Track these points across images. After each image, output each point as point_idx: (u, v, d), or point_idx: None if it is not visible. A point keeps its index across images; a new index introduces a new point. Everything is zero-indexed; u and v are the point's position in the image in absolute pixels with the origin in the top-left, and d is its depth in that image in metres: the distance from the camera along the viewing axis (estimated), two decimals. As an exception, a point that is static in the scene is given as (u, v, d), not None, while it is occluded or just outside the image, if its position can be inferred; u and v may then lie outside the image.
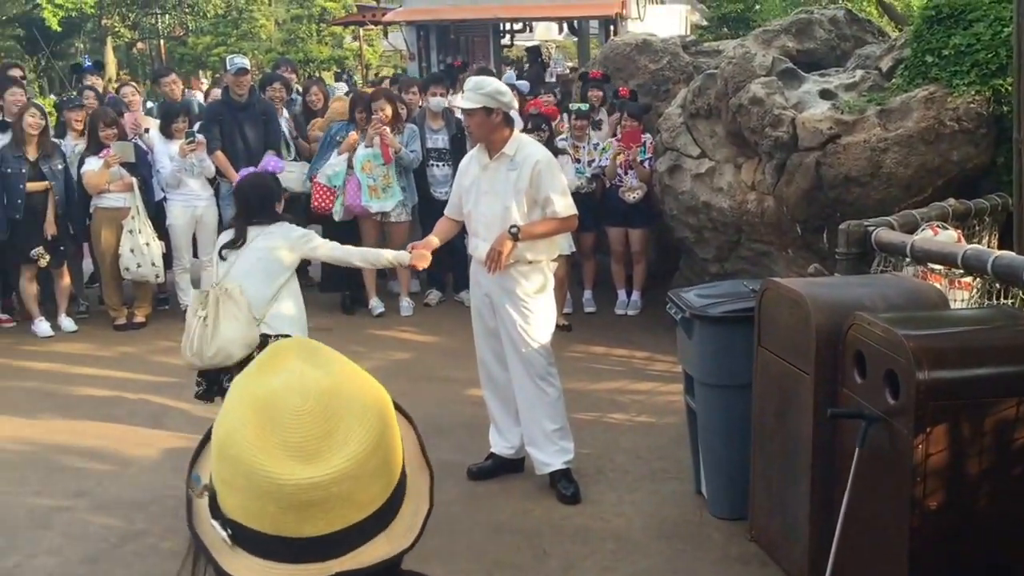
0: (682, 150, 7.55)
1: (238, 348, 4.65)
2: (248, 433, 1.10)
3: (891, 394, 3.28)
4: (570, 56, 21.85)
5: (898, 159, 6.04)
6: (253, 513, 1.11)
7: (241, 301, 4.64)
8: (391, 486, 1.17)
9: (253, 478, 1.09)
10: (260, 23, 33.83)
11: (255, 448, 1.09)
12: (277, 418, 1.10)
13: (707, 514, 4.81)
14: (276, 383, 1.13)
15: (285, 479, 1.08)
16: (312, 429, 1.10)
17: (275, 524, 1.10)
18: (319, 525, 1.10)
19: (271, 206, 4.87)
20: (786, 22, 8.11)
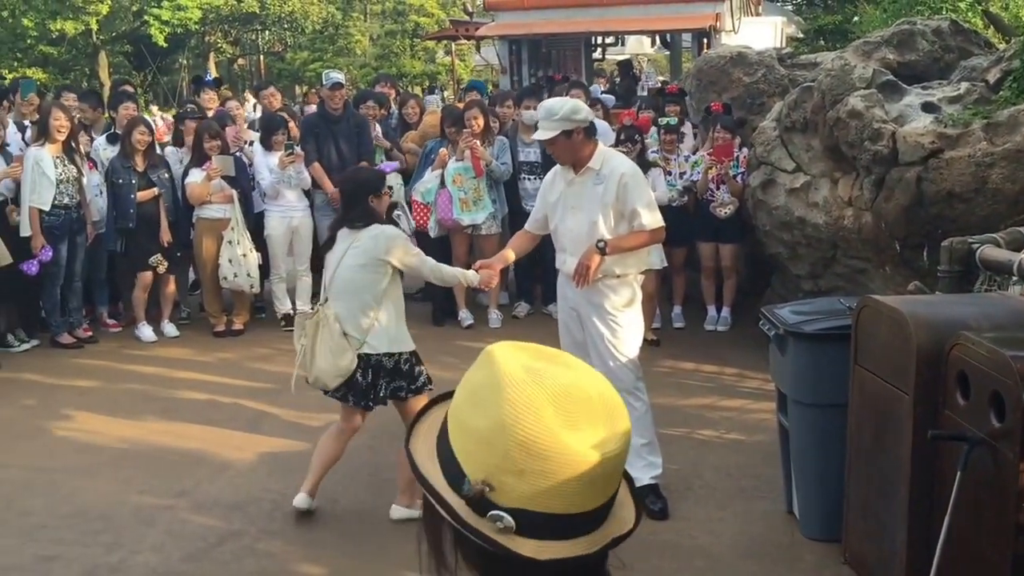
0: (776, 164, 7.44)
1: (330, 379, 4.78)
2: (547, 422, 1.17)
3: (996, 416, 3.18)
4: (662, 70, 21.74)
5: (1005, 174, 5.85)
6: (547, 495, 1.18)
7: (335, 330, 4.69)
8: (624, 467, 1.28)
9: (561, 459, 1.17)
10: (355, 39, 34.41)
11: (556, 434, 1.17)
12: (569, 407, 1.19)
13: (799, 535, 4.72)
14: (554, 379, 1.21)
15: (589, 457, 1.17)
16: (601, 410, 1.21)
17: (566, 503, 1.19)
18: (600, 499, 1.22)
19: (363, 199, 4.81)
20: (887, 33, 7.94)
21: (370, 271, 4.71)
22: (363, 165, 5.91)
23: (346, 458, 5.74)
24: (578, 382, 1.22)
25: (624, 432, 1.22)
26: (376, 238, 4.72)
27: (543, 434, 1.17)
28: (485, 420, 1.20)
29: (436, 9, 34.64)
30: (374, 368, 4.76)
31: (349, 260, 4.72)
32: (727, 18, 13.54)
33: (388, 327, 4.76)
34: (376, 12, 36.83)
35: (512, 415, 1.18)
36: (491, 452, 1.19)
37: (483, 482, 1.20)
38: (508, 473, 1.19)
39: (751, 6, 16.72)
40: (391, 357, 4.77)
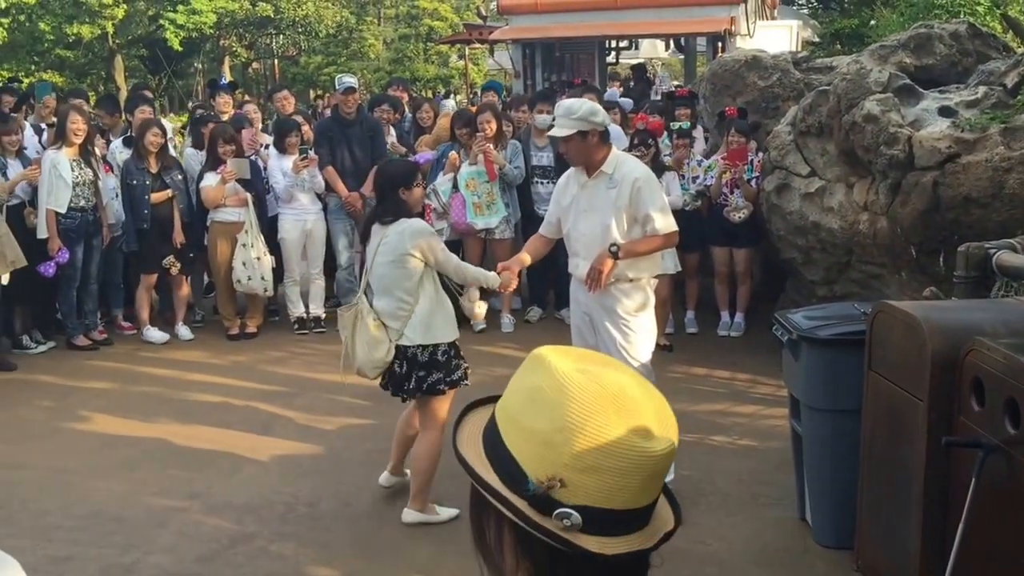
0: (791, 169, 7.41)
1: (369, 370, 4.88)
2: (612, 419, 1.22)
3: (1011, 423, 3.15)
4: (676, 74, 21.71)
5: (1022, 180, 5.81)
6: (613, 491, 1.23)
7: (370, 324, 4.76)
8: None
9: (628, 455, 1.21)
10: (369, 43, 34.45)
11: (623, 431, 1.22)
12: (628, 406, 1.24)
13: (811, 542, 4.70)
14: (610, 379, 1.26)
15: (657, 449, 1.22)
16: (652, 407, 1.26)
17: (630, 498, 1.24)
18: (654, 494, 1.28)
19: (394, 192, 4.82)
20: (904, 37, 7.91)
21: (400, 266, 4.74)
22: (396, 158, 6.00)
23: (359, 462, 5.76)
24: (628, 382, 1.27)
25: (674, 427, 1.27)
26: (402, 234, 4.74)
27: (614, 432, 1.22)
28: (549, 422, 1.23)
29: (450, 13, 34.66)
30: (409, 360, 4.78)
31: (380, 257, 4.77)
32: (742, 22, 13.52)
33: (424, 319, 4.77)
34: (390, 16, 36.89)
35: (580, 415, 1.22)
36: (559, 452, 1.22)
37: (549, 481, 1.23)
38: (578, 471, 1.22)
39: (766, 10, 16.68)
40: (425, 349, 4.78)
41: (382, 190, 4.91)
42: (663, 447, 1.23)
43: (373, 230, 4.89)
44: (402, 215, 4.81)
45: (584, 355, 1.34)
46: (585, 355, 1.34)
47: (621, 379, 1.27)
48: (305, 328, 8.62)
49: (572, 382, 1.24)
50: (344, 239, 8.69)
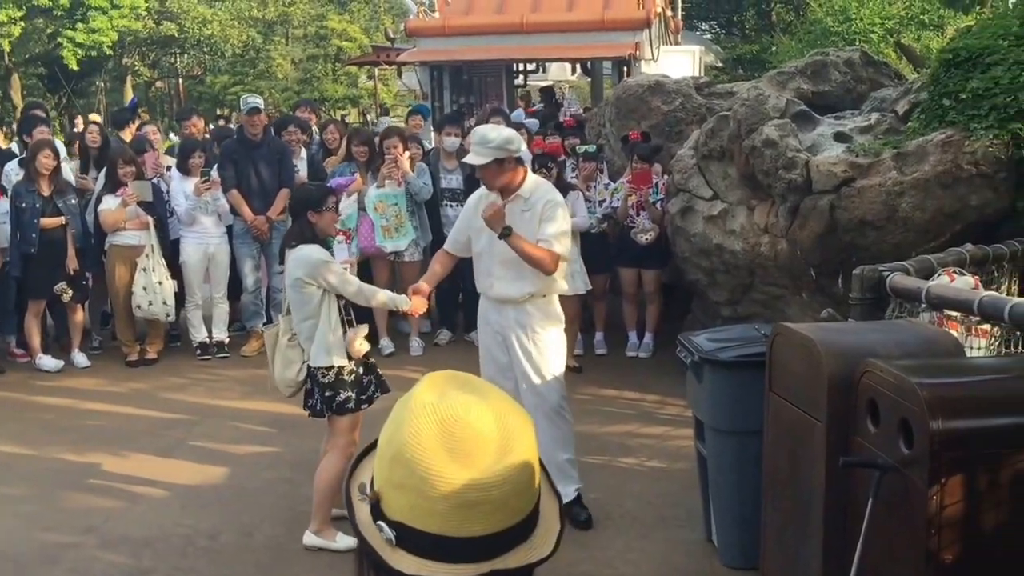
0: (694, 192, 7.52)
1: (282, 388, 5.01)
2: (426, 441, 1.24)
3: (905, 443, 3.21)
4: (583, 96, 21.93)
5: (914, 203, 5.99)
6: (421, 513, 1.24)
7: (284, 343, 4.89)
8: (534, 500, 1.32)
9: (429, 479, 1.22)
10: (277, 62, 34.14)
11: (432, 453, 1.23)
12: (455, 431, 1.24)
13: (717, 563, 4.73)
14: (448, 402, 1.27)
15: (457, 479, 1.22)
16: (481, 440, 1.25)
17: (441, 523, 1.24)
18: (479, 526, 1.24)
19: (302, 215, 4.86)
20: (801, 64, 8.10)
21: (296, 290, 4.78)
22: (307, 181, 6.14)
23: (262, 491, 5.64)
24: (478, 412, 1.27)
25: (510, 466, 1.25)
26: (296, 259, 4.78)
27: (421, 454, 1.23)
28: (385, 435, 1.30)
29: (359, 34, 34.56)
30: (313, 379, 4.87)
31: (287, 280, 4.88)
32: (646, 47, 13.71)
33: (324, 341, 4.78)
34: (298, 36, 36.60)
35: (406, 433, 1.26)
36: (382, 465, 1.29)
37: (375, 493, 1.29)
38: (392, 486, 1.27)
39: (670, 35, 16.97)
40: (329, 370, 4.79)
41: (293, 212, 4.99)
42: (464, 480, 1.22)
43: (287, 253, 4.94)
44: (306, 240, 4.81)
45: (468, 383, 1.34)
46: (468, 383, 1.34)
47: (469, 408, 1.27)
48: (208, 353, 8.44)
49: (416, 401, 1.29)
50: (250, 263, 8.54)
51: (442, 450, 1.23)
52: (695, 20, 25.89)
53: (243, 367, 8.13)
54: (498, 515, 1.26)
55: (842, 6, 18.08)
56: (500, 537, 1.27)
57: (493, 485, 1.23)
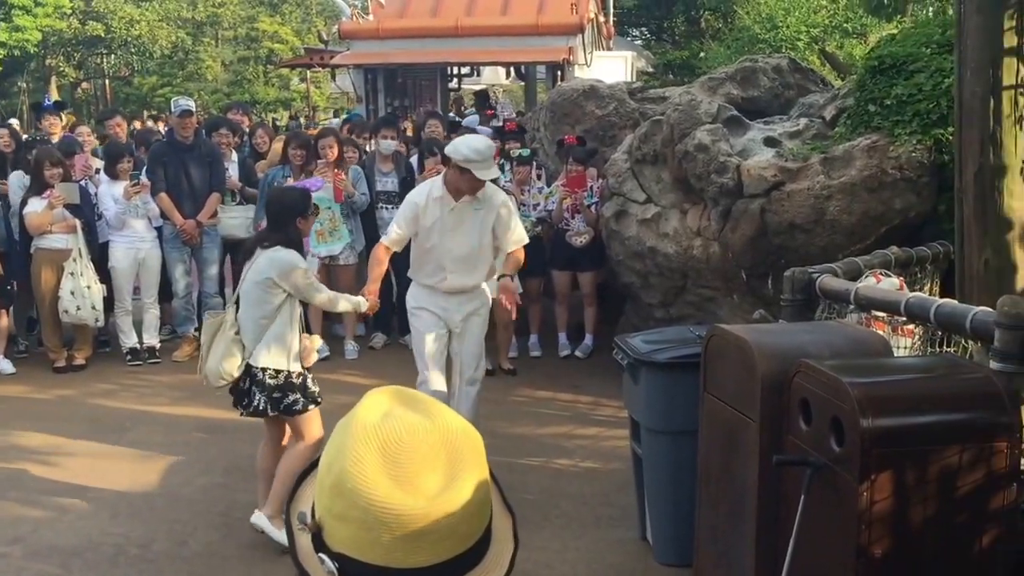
0: (628, 195, 7.61)
1: (214, 378, 4.86)
2: (368, 469, 1.18)
3: (836, 441, 3.29)
4: (517, 100, 22.01)
5: (841, 207, 6.13)
6: (364, 544, 1.19)
7: (230, 335, 4.80)
8: (485, 524, 1.27)
9: (371, 509, 1.16)
10: (206, 64, 33.73)
11: (373, 482, 1.17)
12: (395, 455, 1.19)
13: (652, 561, 4.79)
14: (391, 424, 1.22)
15: (400, 508, 1.17)
16: (427, 465, 1.19)
17: (385, 555, 1.18)
18: (425, 556, 1.19)
19: (291, 222, 4.91)
20: (731, 70, 8.23)
21: (262, 288, 4.79)
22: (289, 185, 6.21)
23: (196, 498, 5.57)
24: (423, 435, 1.21)
25: (459, 492, 1.20)
26: (271, 259, 4.80)
27: (363, 483, 1.17)
28: (326, 460, 1.23)
29: (291, 36, 34.28)
30: (253, 378, 4.80)
31: (251, 275, 4.85)
32: (580, 52, 13.82)
33: (274, 343, 4.80)
34: (228, 38, 36.19)
35: (342, 460, 1.20)
36: (321, 494, 1.23)
37: (315, 523, 1.23)
38: (333, 516, 1.21)
39: (603, 40, 17.11)
40: (278, 373, 4.80)
41: (279, 218, 4.96)
42: (409, 509, 1.17)
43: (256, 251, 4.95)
44: (288, 244, 4.87)
45: (413, 399, 1.29)
46: (415, 399, 1.29)
47: (417, 429, 1.22)
48: (138, 359, 8.30)
49: (357, 423, 1.23)
50: (180, 267, 8.43)
51: (385, 478, 1.18)
52: (626, 26, 26.13)
53: (175, 373, 8.01)
54: (447, 543, 1.21)
55: (769, 14, 18.38)
56: (450, 565, 1.22)
57: (441, 513, 1.18)
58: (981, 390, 3.35)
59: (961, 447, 3.21)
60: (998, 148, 4.81)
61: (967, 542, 3.28)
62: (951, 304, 4.08)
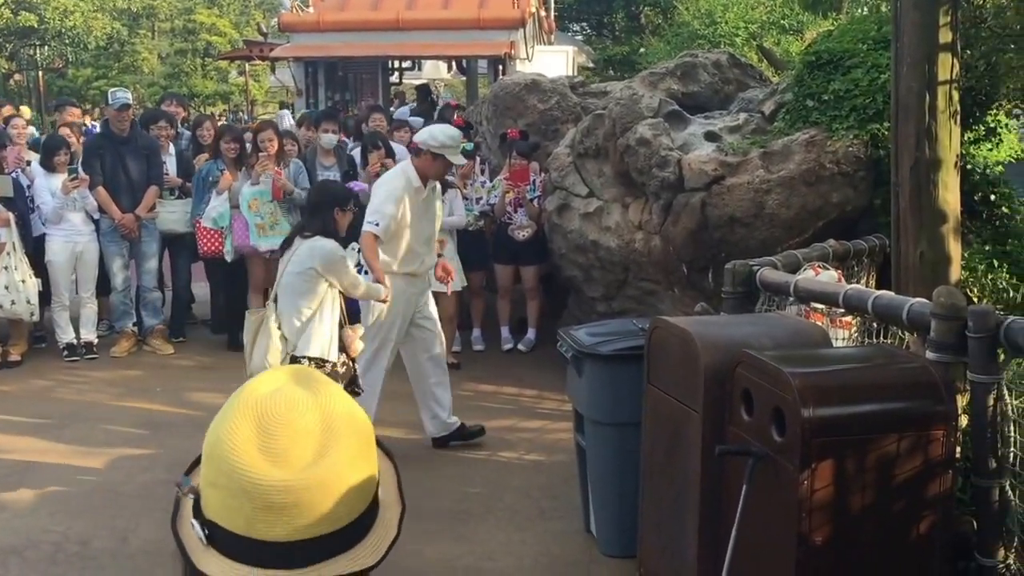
0: (570, 189, 7.64)
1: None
2: (238, 437, 1.19)
3: (777, 431, 3.34)
4: (458, 95, 22.00)
5: (780, 200, 6.22)
6: (230, 512, 1.19)
7: (273, 331, 4.93)
8: (359, 510, 1.25)
9: (235, 476, 1.17)
10: (143, 56, 33.20)
11: (242, 450, 1.18)
12: (268, 427, 1.20)
13: (596, 552, 4.82)
14: (274, 398, 1.23)
15: (261, 478, 1.17)
16: (298, 440, 1.20)
17: (248, 525, 1.19)
18: (286, 530, 1.19)
19: (329, 210, 5.06)
20: (671, 65, 8.30)
21: (304, 279, 4.91)
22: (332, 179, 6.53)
23: (137, 494, 5.50)
24: (303, 411, 1.22)
25: (325, 471, 1.20)
26: (313, 248, 4.91)
27: (233, 451, 1.19)
28: (211, 427, 1.25)
29: (229, 29, 33.89)
30: None
31: (291, 267, 4.96)
32: (521, 46, 13.84)
33: (318, 334, 4.94)
34: (165, 30, 35.67)
35: (220, 427, 1.22)
36: (203, 460, 1.24)
37: (192, 488, 1.26)
38: (207, 483, 1.23)
39: (544, 35, 17.15)
40: (320, 364, 4.91)
41: (318, 207, 5.10)
42: (271, 480, 1.17)
43: (296, 241, 5.03)
44: (327, 234, 5.00)
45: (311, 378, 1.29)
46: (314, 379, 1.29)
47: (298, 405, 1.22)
48: (76, 355, 8.15)
49: (245, 393, 1.25)
50: (119, 261, 8.28)
51: (254, 448, 1.18)
52: (567, 21, 26.21)
53: (113, 368, 7.89)
54: (307, 521, 1.20)
55: (708, 10, 18.56)
56: (314, 544, 1.21)
57: (303, 488, 1.18)
58: (918, 380, 3.43)
59: (899, 436, 3.28)
60: (933, 142, 4.92)
61: (905, 529, 3.35)
62: (888, 296, 4.17)
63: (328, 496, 1.20)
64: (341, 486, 1.21)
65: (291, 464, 1.18)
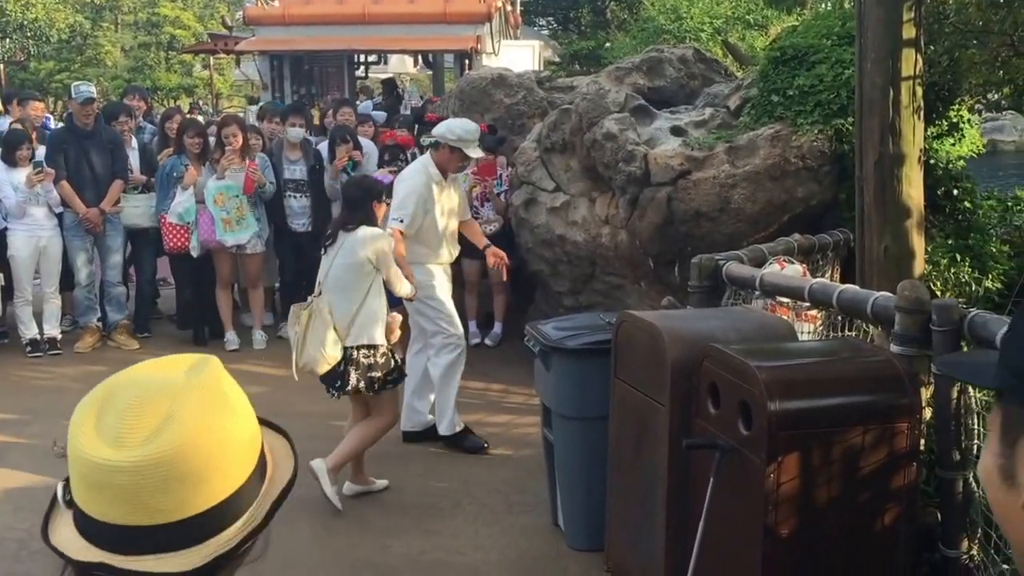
0: (537, 184, 7.64)
1: (319, 366, 5.07)
2: (87, 408, 1.21)
3: (744, 424, 3.36)
4: (425, 89, 21.94)
5: (746, 195, 6.25)
6: (75, 485, 1.21)
7: (328, 321, 5.01)
8: (185, 511, 1.19)
9: (71, 449, 1.19)
10: (106, 49, 32.84)
11: (81, 422, 1.20)
12: (116, 406, 1.20)
13: (564, 546, 4.83)
14: (125, 379, 1.24)
15: (86, 454, 1.17)
16: (129, 422, 1.18)
17: (82, 498, 1.20)
18: (98, 510, 1.18)
19: (368, 204, 5.20)
20: (637, 60, 8.31)
21: (355, 270, 5.05)
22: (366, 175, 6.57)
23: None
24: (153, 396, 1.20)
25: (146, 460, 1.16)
26: (365, 240, 5.07)
27: (76, 419, 1.22)
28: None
29: (193, 22, 33.59)
30: (348, 359, 5.04)
31: (339, 259, 5.09)
32: (488, 40, 13.81)
33: (368, 321, 5.07)
34: (128, 23, 35.28)
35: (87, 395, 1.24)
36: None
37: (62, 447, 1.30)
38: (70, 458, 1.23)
39: (510, 30, 17.13)
40: (371, 350, 5.05)
41: (356, 200, 5.23)
42: (94, 456, 1.17)
43: (339, 236, 5.14)
44: (363, 223, 5.13)
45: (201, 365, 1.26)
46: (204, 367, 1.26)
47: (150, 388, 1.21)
48: (39, 350, 8.06)
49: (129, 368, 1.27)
50: (83, 255, 8.18)
51: (93, 420, 1.19)
52: (533, 16, 26.20)
53: (77, 364, 7.81)
54: (124, 507, 1.17)
55: (673, 5, 18.60)
56: (129, 532, 1.18)
57: (117, 470, 1.16)
58: (883, 373, 3.46)
59: (864, 428, 3.31)
60: (897, 137, 4.96)
61: (870, 521, 3.39)
62: (853, 290, 4.20)
63: (149, 486, 1.16)
64: (166, 481, 1.17)
65: (121, 446, 1.16)
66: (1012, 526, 0.94)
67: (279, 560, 4.52)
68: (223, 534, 1.22)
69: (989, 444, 0.96)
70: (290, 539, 4.71)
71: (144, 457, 1.16)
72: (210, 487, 1.20)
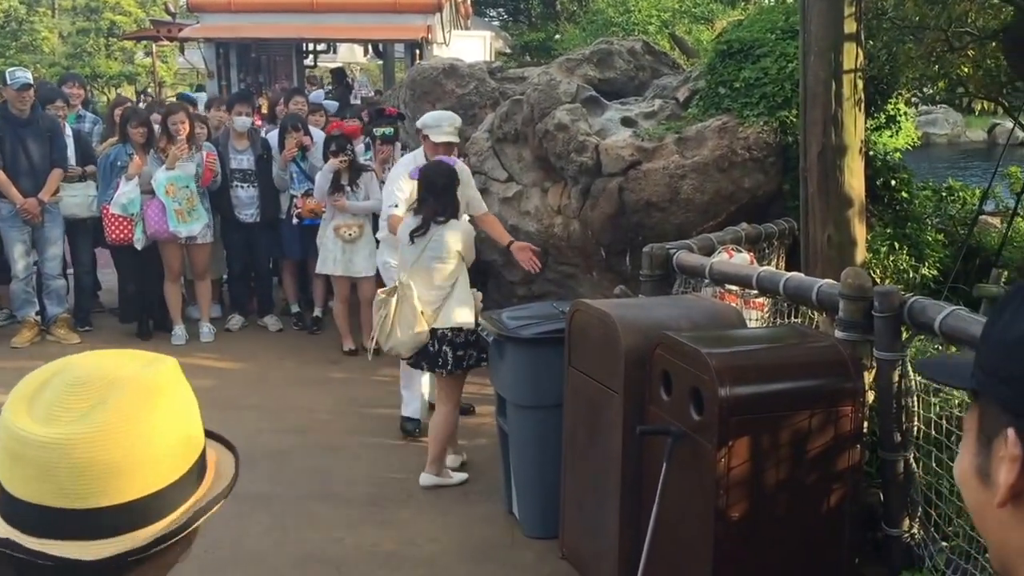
0: (489, 174, 7.67)
1: (405, 349, 5.30)
2: (27, 384, 1.21)
3: (695, 410, 3.43)
4: (375, 79, 21.84)
5: (695, 185, 6.34)
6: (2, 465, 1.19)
7: (414, 306, 5.20)
8: (108, 500, 1.16)
9: (3, 417, 1.18)
10: (42, 35, 32.20)
11: (17, 397, 1.19)
12: (53, 385, 1.20)
13: (519, 534, 4.87)
14: (79, 369, 1.22)
15: (12, 423, 1.16)
16: (63, 400, 1.17)
17: (6, 476, 1.18)
18: (24, 489, 1.16)
19: (450, 193, 5.30)
20: (588, 51, 8.37)
21: (444, 260, 5.23)
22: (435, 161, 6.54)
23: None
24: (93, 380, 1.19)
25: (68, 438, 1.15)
26: (456, 233, 5.24)
27: (13, 393, 1.20)
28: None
29: (134, 7, 33.04)
30: (440, 339, 5.23)
31: (429, 251, 5.24)
32: (438, 30, 13.78)
33: (460, 304, 5.25)
34: (66, 8, 34.59)
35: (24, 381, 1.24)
36: None
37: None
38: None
39: (460, 20, 17.11)
40: (460, 331, 5.21)
41: (439, 189, 5.30)
42: (17, 426, 1.16)
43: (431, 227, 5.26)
44: (453, 215, 5.29)
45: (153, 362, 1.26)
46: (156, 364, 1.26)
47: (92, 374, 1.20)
48: (-21, 343, 7.90)
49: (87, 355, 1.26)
50: (20, 247, 7.97)
51: (32, 393, 1.19)
52: (483, 6, 26.14)
53: (14, 359, 7.61)
54: (41, 485, 1.15)
55: (622, -2, 18.72)
56: (42, 512, 1.16)
57: (38, 445, 1.14)
58: (828, 358, 3.55)
59: (811, 412, 3.40)
60: (839, 129, 5.07)
61: (817, 502, 3.48)
62: (798, 277, 4.30)
63: (68, 466, 1.14)
64: (86, 464, 1.15)
65: (46, 422, 1.15)
66: (987, 525, 0.94)
67: (230, 555, 4.51)
68: (138, 532, 1.19)
69: (965, 444, 0.97)
70: (242, 534, 4.70)
71: (65, 436, 1.14)
72: (129, 481, 1.18)
